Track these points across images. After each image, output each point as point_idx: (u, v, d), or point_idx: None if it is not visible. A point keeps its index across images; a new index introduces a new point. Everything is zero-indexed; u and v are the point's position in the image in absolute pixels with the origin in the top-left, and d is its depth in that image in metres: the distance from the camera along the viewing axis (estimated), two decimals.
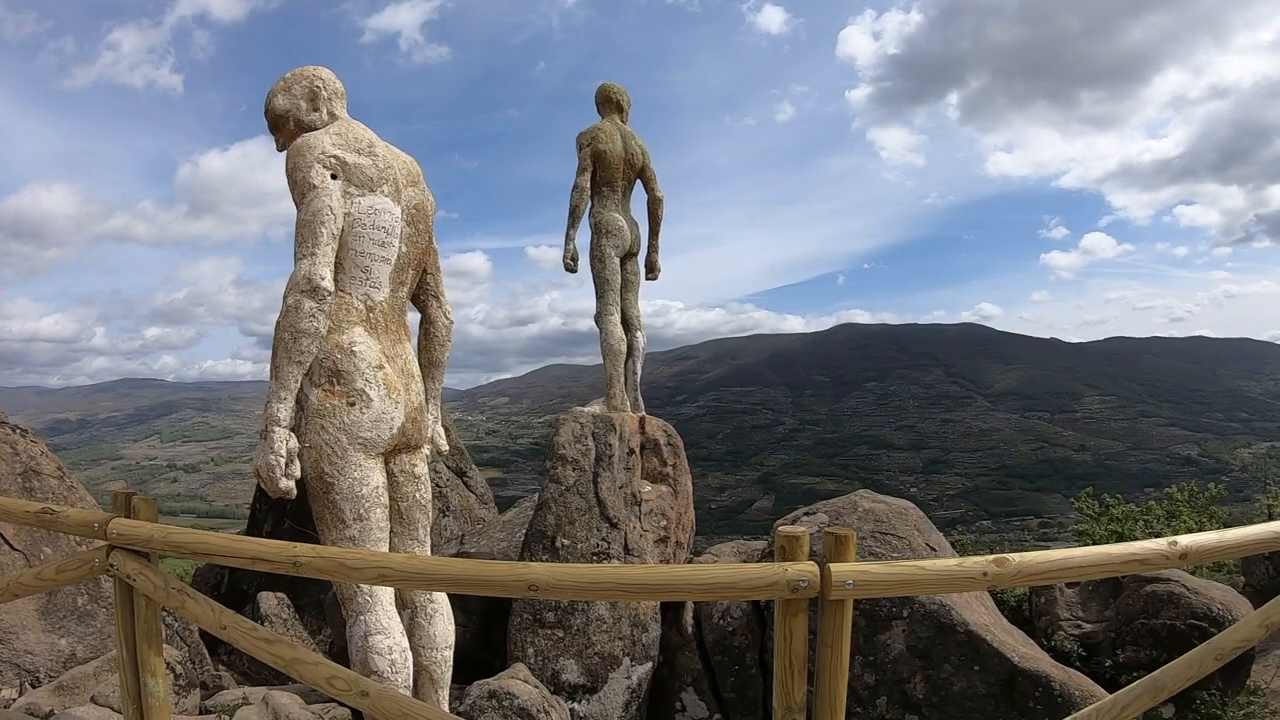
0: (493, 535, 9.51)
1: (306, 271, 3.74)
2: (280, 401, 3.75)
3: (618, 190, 8.44)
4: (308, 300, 3.72)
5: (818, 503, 8.02)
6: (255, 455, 3.80)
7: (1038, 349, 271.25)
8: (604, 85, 8.72)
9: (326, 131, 4.13)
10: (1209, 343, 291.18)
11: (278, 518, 9.62)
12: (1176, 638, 6.90)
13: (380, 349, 4.08)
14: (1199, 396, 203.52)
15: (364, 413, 3.94)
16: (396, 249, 4.18)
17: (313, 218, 3.83)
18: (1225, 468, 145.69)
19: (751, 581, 3.01)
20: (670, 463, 8.20)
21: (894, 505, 7.86)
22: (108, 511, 3.86)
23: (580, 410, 7.95)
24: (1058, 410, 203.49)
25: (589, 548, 7.10)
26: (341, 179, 3.98)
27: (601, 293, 8.36)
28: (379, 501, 4.03)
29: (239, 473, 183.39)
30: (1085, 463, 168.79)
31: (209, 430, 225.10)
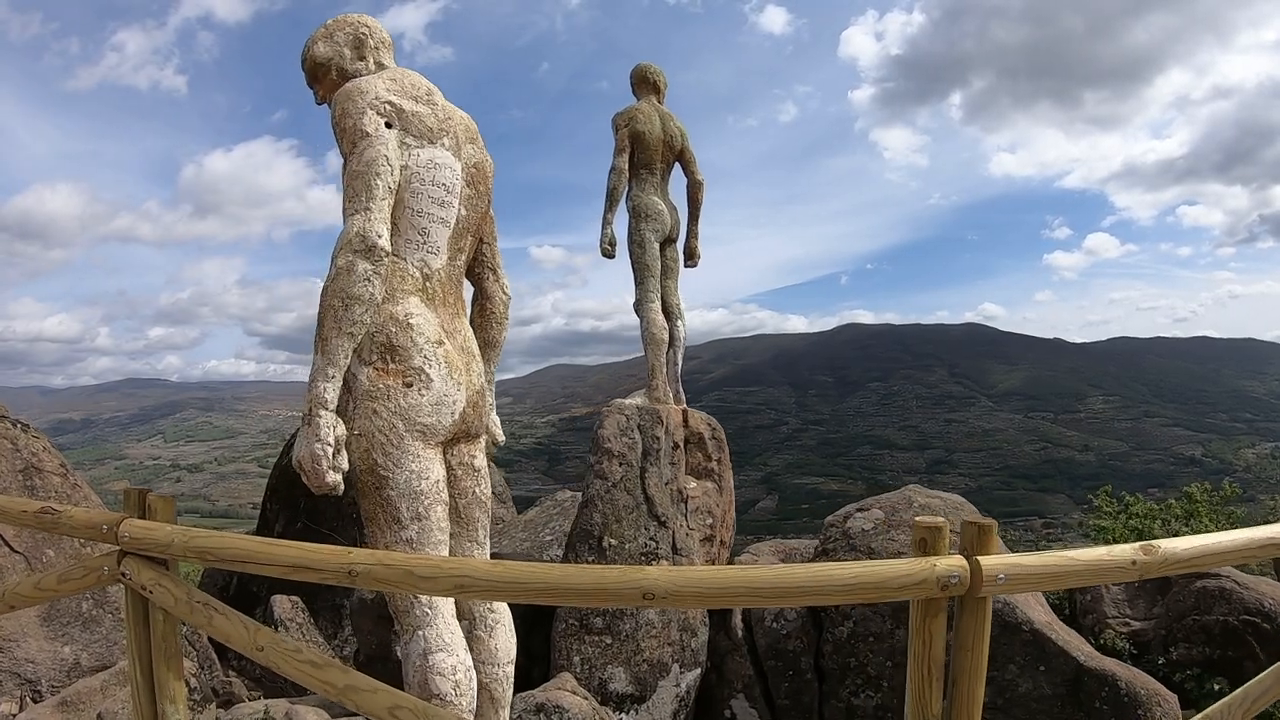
0: (514, 535, 9.12)
1: (360, 228, 3.24)
2: (327, 380, 3.22)
3: (656, 173, 8.06)
4: (361, 261, 3.22)
5: (870, 498, 7.71)
6: (296, 444, 3.24)
7: (1041, 349, 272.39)
8: (640, 65, 8.34)
9: (379, 76, 3.67)
10: (1213, 343, 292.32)
11: (290, 516, 9.21)
12: (1230, 634, 6.81)
13: (439, 322, 3.59)
14: (1203, 397, 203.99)
15: (423, 395, 3.44)
16: (456, 211, 3.69)
17: (366, 168, 3.34)
18: (1229, 468, 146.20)
19: (899, 579, 2.69)
20: (715, 458, 7.80)
21: (949, 500, 7.57)
22: (117, 511, 3.39)
23: (623, 402, 7.56)
24: (1061, 410, 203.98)
25: (637, 548, 6.72)
26: (397, 128, 3.51)
27: (641, 279, 7.95)
28: (440, 498, 3.50)
29: (243, 473, 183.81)
30: (1089, 463, 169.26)
31: (212, 430, 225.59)
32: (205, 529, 3.26)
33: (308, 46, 3.95)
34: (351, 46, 3.91)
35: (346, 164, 3.43)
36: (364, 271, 3.22)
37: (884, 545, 6.79)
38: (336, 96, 3.59)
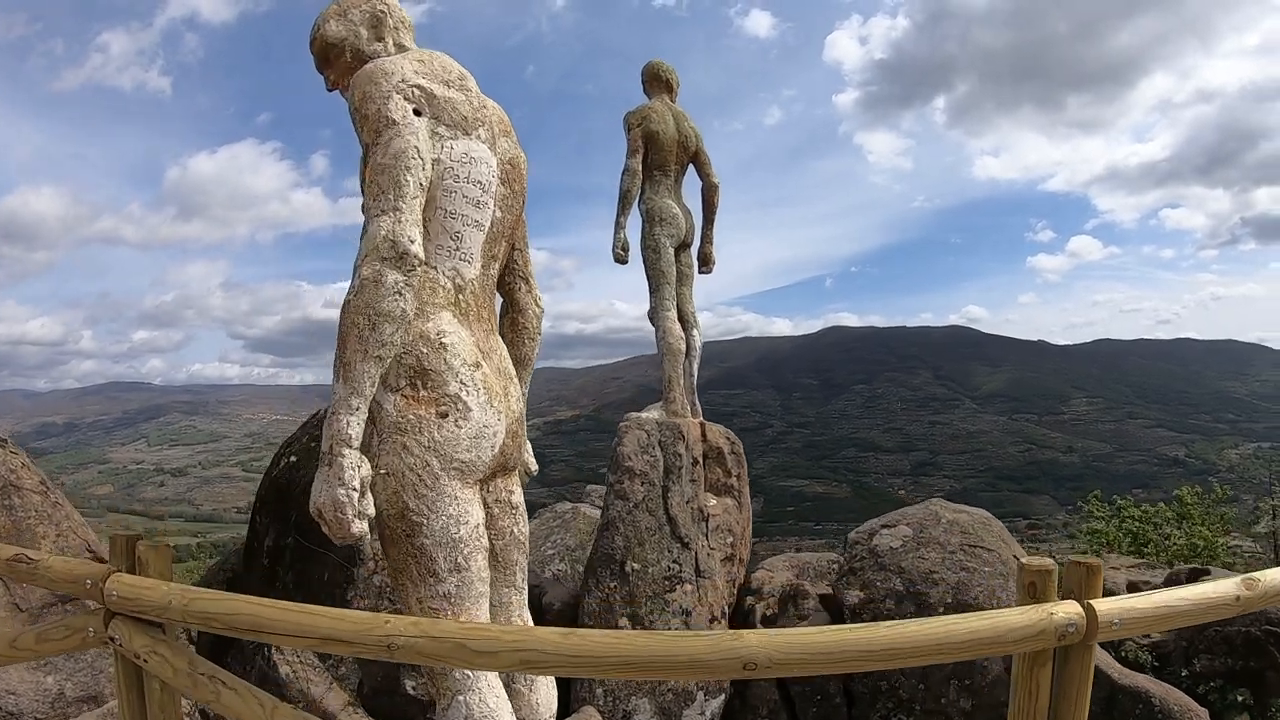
0: None
1: (389, 231, 2.76)
2: (351, 412, 2.73)
3: (670, 175, 7.72)
4: (391, 271, 2.73)
5: (896, 512, 7.51)
6: (315, 487, 2.73)
7: (1025, 351, 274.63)
8: (652, 63, 8.00)
9: (405, 57, 3.21)
10: (1195, 345, 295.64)
11: (280, 530, 8.83)
12: (1252, 645, 6.68)
13: (474, 341, 3.15)
14: (1186, 398, 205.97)
15: (460, 427, 2.97)
16: (491, 212, 3.24)
17: (393, 161, 2.87)
18: (1213, 468, 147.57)
19: (1018, 633, 2.51)
20: (735, 473, 7.50)
21: (975, 515, 7.40)
22: (101, 561, 2.98)
23: (640, 417, 7.24)
24: (1045, 412, 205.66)
25: (660, 571, 6.42)
26: (428, 115, 3.07)
27: (656, 286, 7.59)
28: (480, 544, 3.04)
29: (227, 476, 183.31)
30: (1073, 464, 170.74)
31: (196, 434, 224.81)
32: (210, 590, 2.88)
33: (317, 26, 3.50)
34: (368, 25, 3.47)
35: (368, 156, 2.99)
36: (394, 283, 2.75)
37: (914, 564, 6.56)
38: (356, 79, 3.13)
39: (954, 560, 6.55)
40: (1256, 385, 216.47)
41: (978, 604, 6.19)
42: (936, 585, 6.32)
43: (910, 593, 6.39)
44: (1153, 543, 12.49)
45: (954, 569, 6.42)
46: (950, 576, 6.36)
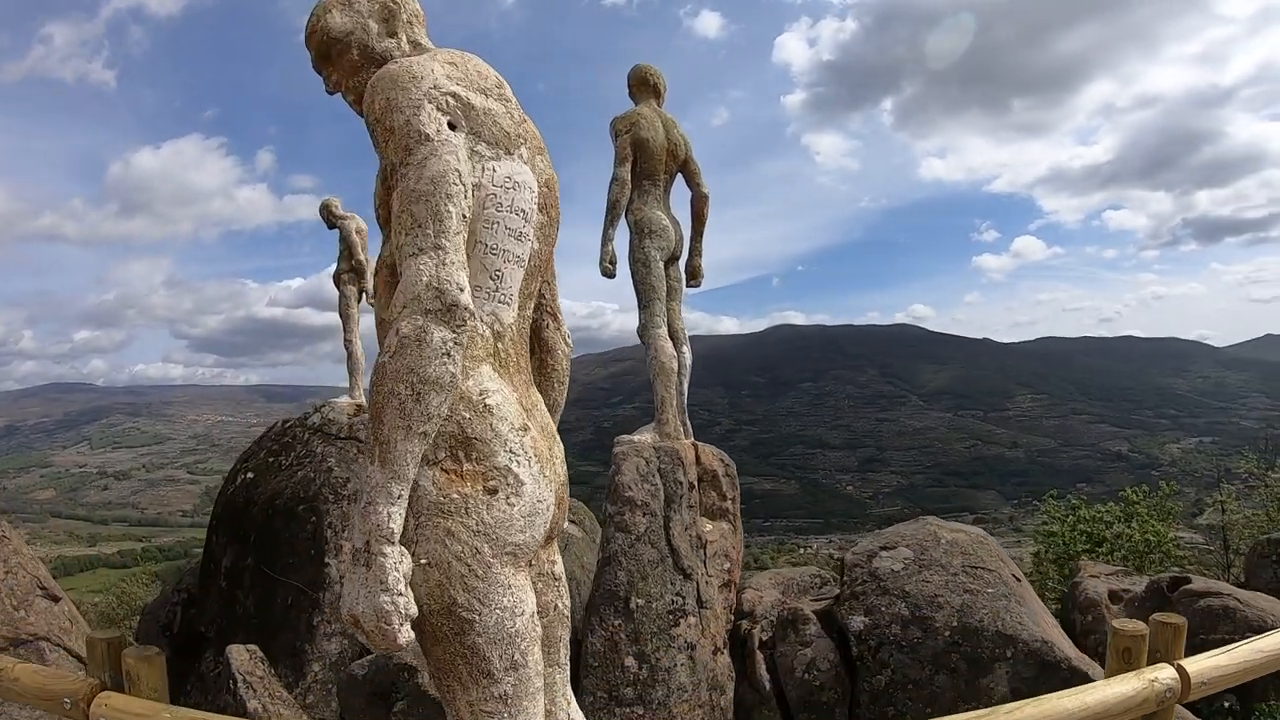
0: None
1: (432, 277, 2.25)
2: (392, 502, 2.20)
3: (659, 185, 7.40)
4: (437, 327, 2.21)
5: (885, 531, 7.47)
6: (349, 592, 2.21)
7: (970, 349, 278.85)
8: (639, 66, 7.68)
9: (433, 58, 2.64)
10: (1137, 342, 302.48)
11: (239, 552, 8.47)
12: None
13: (517, 398, 2.65)
14: (1128, 394, 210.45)
15: (513, 504, 2.44)
16: (530, 245, 2.74)
17: (432, 187, 2.35)
18: (1155, 463, 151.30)
19: (1126, 702, 2.62)
20: (730, 496, 7.27)
21: (972, 534, 7.28)
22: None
23: (634, 440, 6.90)
24: (990, 409, 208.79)
25: (664, 605, 6.13)
26: (465, 130, 2.54)
27: (646, 302, 7.25)
28: (536, 635, 2.53)
29: (172, 480, 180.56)
30: (1018, 459, 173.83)
31: (140, 436, 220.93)
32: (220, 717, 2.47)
33: (317, 16, 2.95)
34: (379, 18, 2.95)
35: (393, 176, 2.48)
36: (441, 343, 2.22)
37: (919, 588, 6.48)
38: (377, 83, 2.56)
39: (957, 583, 6.45)
40: (1197, 381, 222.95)
41: (983, 626, 6.13)
42: (941, 609, 6.24)
43: (916, 617, 6.29)
44: (1106, 541, 12.71)
45: (957, 591, 6.33)
46: (954, 599, 6.27)
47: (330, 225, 10.67)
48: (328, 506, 8.14)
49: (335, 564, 7.81)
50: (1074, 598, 8.48)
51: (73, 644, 5.78)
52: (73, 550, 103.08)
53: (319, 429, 9.23)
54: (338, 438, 9.04)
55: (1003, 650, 6.07)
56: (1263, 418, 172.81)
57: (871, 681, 6.27)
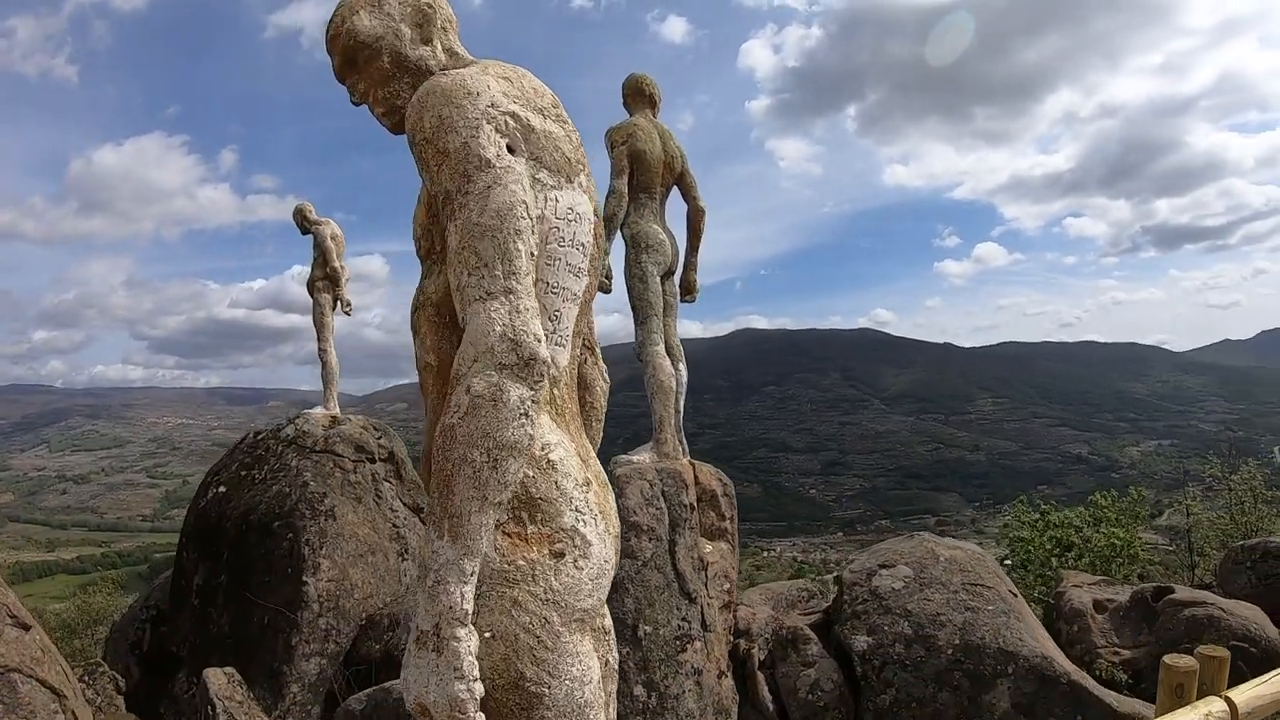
0: None
1: (507, 326, 2.01)
2: (464, 580, 1.95)
3: (656, 198, 7.23)
4: (515, 385, 1.98)
5: (885, 548, 7.43)
6: (413, 681, 1.96)
7: (932, 353, 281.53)
8: (634, 76, 7.49)
9: (487, 72, 2.39)
10: (1097, 347, 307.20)
11: (211, 569, 8.24)
12: None
13: (575, 449, 2.39)
14: (1088, 398, 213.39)
15: (581, 568, 2.22)
16: (586, 280, 2.49)
17: (499, 222, 2.12)
18: (1114, 465, 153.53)
19: None
20: (728, 516, 7.18)
21: (968, 551, 7.34)
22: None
23: (634, 461, 6.75)
24: (952, 412, 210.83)
25: (671, 631, 6.00)
26: (524, 155, 2.30)
27: (644, 318, 7.08)
28: (602, 701, 2.29)
29: (131, 483, 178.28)
30: (979, 462, 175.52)
31: (99, 439, 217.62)
32: None
33: (342, 17, 2.65)
34: (412, 22, 2.64)
35: (454, 207, 2.20)
36: (519, 402, 1.98)
37: (920, 607, 6.56)
38: (426, 98, 2.31)
39: (958, 600, 6.46)
40: (1156, 386, 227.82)
41: (984, 644, 6.20)
42: (944, 627, 6.27)
43: (919, 636, 6.35)
44: (1075, 546, 12.71)
45: (959, 609, 6.36)
46: (956, 617, 6.30)
47: (304, 231, 10.40)
48: (304, 523, 7.94)
49: (313, 583, 7.60)
50: (1059, 608, 8.49)
51: (46, 674, 5.55)
52: (31, 555, 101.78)
53: (293, 441, 9.01)
54: (313, 451, 8.82)
55: (1004, 666, 6.11)
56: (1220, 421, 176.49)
57: (876, 701, 6.25)
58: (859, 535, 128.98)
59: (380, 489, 8.99)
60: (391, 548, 8.58)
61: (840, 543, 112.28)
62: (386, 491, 9.05)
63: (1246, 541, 11.41)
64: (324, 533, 7.93)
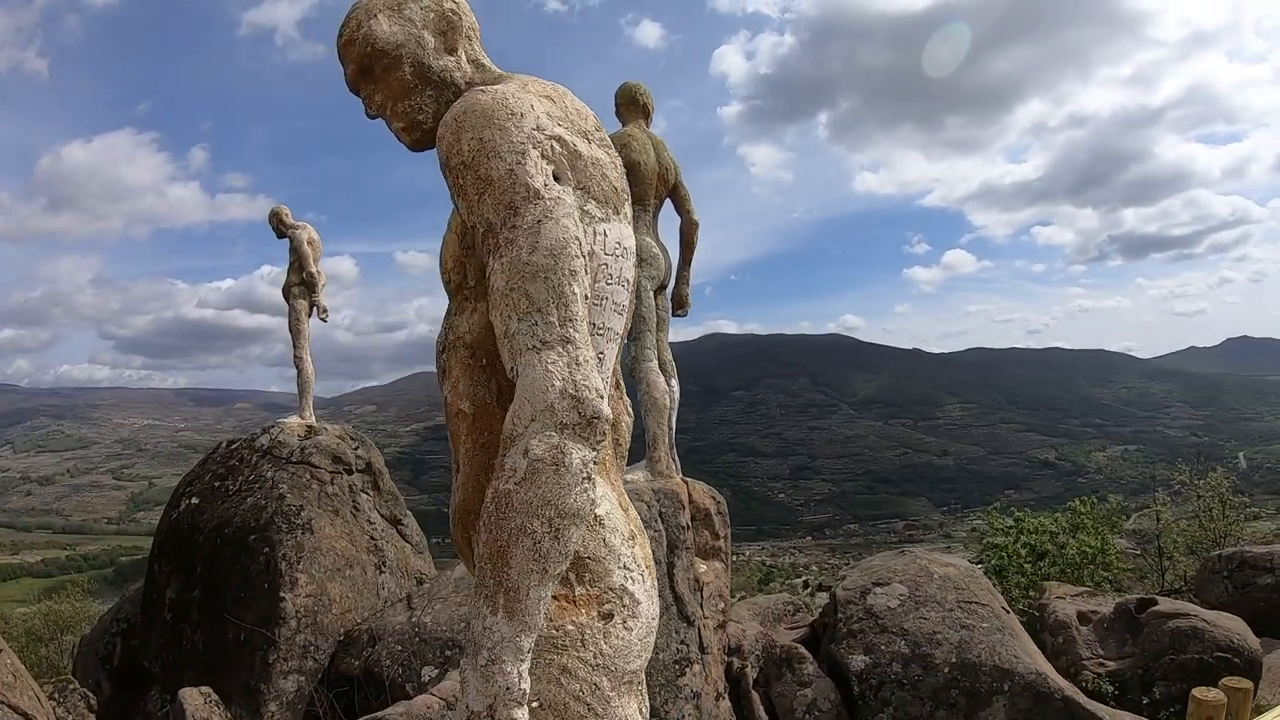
0: (447, 598, 7.93)
1: (568, 381, 1.81)
2: (521, 658, 1.75)
3: (649, 210, 7.08)
4: (577, 446, 1.77)
5: (878, 565, 7.33)
6: None
7: (901, 359, 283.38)
8: (629, 85, 7.31)
9: (528, 90, 2.16)
10: (1064, 353, 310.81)
11: (185, 582, 8.02)
12: (1206, 671, 7.01)
13: (618, 498, 2.20)
14: (1055, 404, 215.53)
15: (631, 628, 2.03)
16: (627, 317, 2.30)
17: (553, 262, 1.91)
18: (1081, 470, 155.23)
19: None
20: (722, 534, 7.08)
21: (961, 568, 7.35)
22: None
23: (629, 480, 6.53)
24: (921, 417, 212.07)
25: (670, 656, 5.85)
26: (571, 183, 2.08)
27: (637, 334, 6.90)
28: None
29: (97, 485, 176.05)
30: (948, 467, 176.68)
31: (65, 440, 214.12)
32: None
33: (359, 22, 2.39)
34: (436, 29, 2.39)
35: (497, 241, 1.98)
36: (582, 466, 1.77)
37: (917, 625, 6.54)
38: (464, 118, 2.07)
39: (953, 619, 6.42)
40: (1122, 392, 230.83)
41: (980, 661, 6.19)
42: (940, 645, 6.25)
43: (916, 654, 6.34)
44: (1049, 554, 12.76)
45: (954, 627, 6.32)
46: (952, 635, 6.26)
47: (280, 234, 10.14)
48: (281, 536, 7.75)
49: (291, 598, 7.41)
50: (1043, 619, 8.50)
51: (18, 700, 5.37)
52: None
53: (268, 452, 8.80)
54: (289, 461, 8.63)
55: (1000, 684, 6.14)
56: (1186, 427, 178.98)
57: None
58: (827, 539, 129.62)
59: (358, 501, 8.80)
60: (369, 561, 8.39)
61: (809, 546, 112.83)
62: (364, 503, 8.87)
63: (1223, 551, 11.55)
64: (301, 547, 7.74)
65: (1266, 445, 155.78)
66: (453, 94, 2.36)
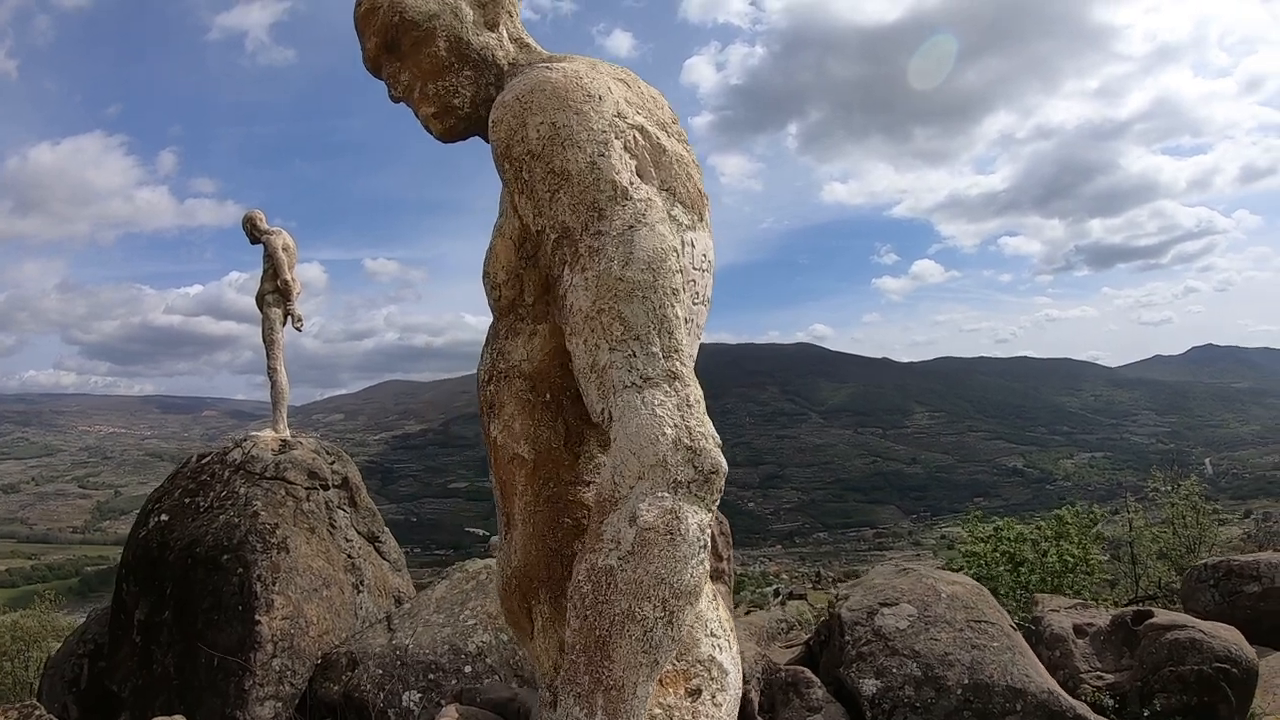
0: (429, 619, 7.59)
1: (681, 429, 1.49)
2: None
3: None
4: (694, 509, 1.45)
5: (882, 584, 7.18)
6: None
7: (870, 368, 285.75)
8: None
9: (597, 71, 1.83)
10: (1032, 362, 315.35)
11: (155, 603, 7.69)
12: (1205, 682, 7.00)
13: None
14: (1023, 412, 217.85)
15: (719, 703, 1.73)
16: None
17: (652, 277, 1.58)
18: (1049, 477, 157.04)
19: None
20: (724, 555, 6.80)
21: (967, 586, 7.23)
22: None
23: None
24: (890, 426, 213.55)
25: None
26: (656, 183, 1.74)
27: None
28: None
29: (62, 493, 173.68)
30: (917, 475, 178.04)
31: (29, 447, 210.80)
32: None
33: None
34: (476, 3, 2.06)
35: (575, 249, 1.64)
36: (699, 532, 1.44)
37: (928, 647, 6.37)
38: (529, 98, 1.72)
39: (964, 639, 6.27)
40: (1089, 400, 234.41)
41: (993, 682, 6.04)
42: (952, 667, 6.10)
43: (928, 677, 6.13)
44: (1028, 562, 12.48)
45: (965, 648, 6.17)
46: (964, 656, 6.10)
47: (254, 240, 9.80)
48: (255, 556, 7.43)
49: (266, 621, 7.09)
50: (1039, 633, 8.33)
51: None
52: None
53: (240, 466, 8.47)
54: (263, 477, 8.31)
55: (1013, 704, 6.00)
56: (1152, 434, 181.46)
57: None
58: (797, 548, 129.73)
59: (334, 517, 8.49)
60: (347, 580, 8.09)
61: (779, 555, 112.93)
62: (341, 520, 8.56)
63: (1209, 560, 11.50)
64: (277, 567, 7.42)
65: (1232, 451, 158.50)
66: (493, 76, 2.05)
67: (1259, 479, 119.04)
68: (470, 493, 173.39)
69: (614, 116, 1.70)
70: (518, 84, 1.77)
